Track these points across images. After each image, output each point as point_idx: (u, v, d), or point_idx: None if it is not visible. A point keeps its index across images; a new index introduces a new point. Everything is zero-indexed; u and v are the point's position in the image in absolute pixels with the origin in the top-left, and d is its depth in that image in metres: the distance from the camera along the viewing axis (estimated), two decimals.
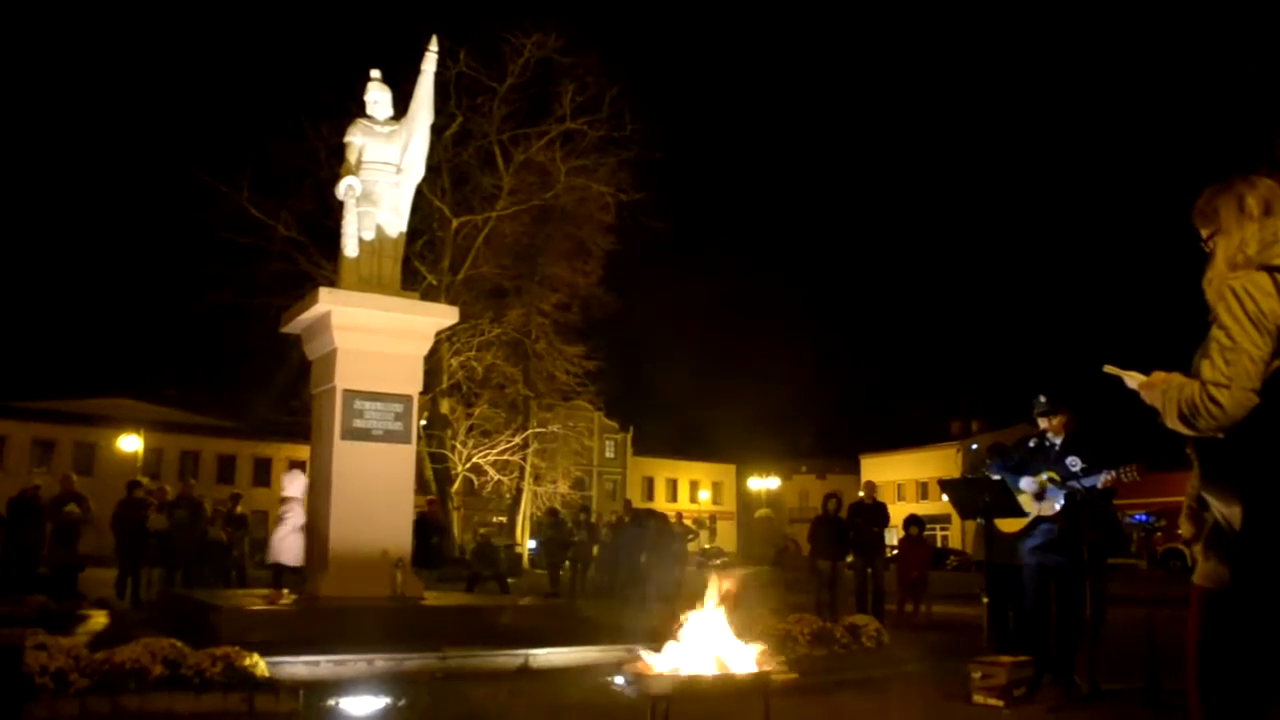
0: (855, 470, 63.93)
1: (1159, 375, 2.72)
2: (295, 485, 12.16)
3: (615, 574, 18.44)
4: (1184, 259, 2.86)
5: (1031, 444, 7.19)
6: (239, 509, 16.60)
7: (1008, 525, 7.10)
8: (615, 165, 30.61)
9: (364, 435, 9.21)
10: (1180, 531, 2.77)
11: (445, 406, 31.32)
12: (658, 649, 4.12)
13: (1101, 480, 6.56)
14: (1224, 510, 2.57)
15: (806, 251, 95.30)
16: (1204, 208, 2.80)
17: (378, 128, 10.01)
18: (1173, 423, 2.61)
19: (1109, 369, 2.98)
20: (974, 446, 47.23)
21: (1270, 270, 2.58)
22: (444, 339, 26.99)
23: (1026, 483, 6.98)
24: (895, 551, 16.70)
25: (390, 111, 10.21)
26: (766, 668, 4.04)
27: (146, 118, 66.30)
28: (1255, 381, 2.50)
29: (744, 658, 4.07)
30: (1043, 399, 7.06)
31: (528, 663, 7.40)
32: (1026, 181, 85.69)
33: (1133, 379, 2.84)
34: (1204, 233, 2.79)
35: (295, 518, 11.84)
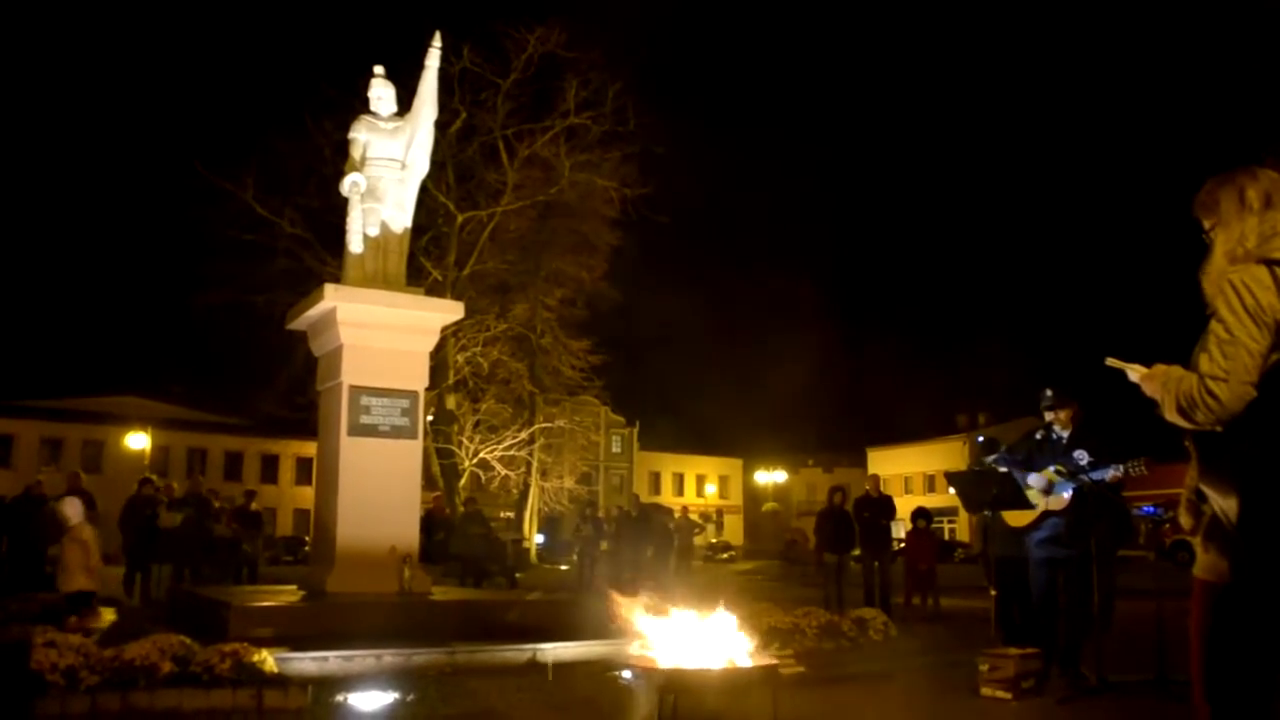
0: (862, 464, 63.93)
1: (1160, 368, 2.71)
2: (76, 511, 12.14)
3: (621, 568, 18.45)
4: (1189, 251, 2.84)
5: (1038, 436, 7.16)
6: (254, 506, 16.56)
7: (1016, 519, 7.09)
8: (619, 160, 30.64)
9: (371, 431, 9.23)
10: (1180, 523, 2.78)
11: (451, 402, 31.36)
12: (664, 643, 4.12)
13: (1109, 475, 6.55)
14: (1222, 503, 2.57)
15: (813, 245, 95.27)
16: (1205, 199, 2.78)
17: (382, 124, 10.00)
18: (1171, 415, 2.60)
19: (1111, 361, 2.98)
20: (980, 439, 47.12)
21: (1269, 264, 2.57)
22: (450, 334, 27.03)
23: (1034, 479, 6.96)
24: (903, 545, 16.68)
25: (394, 108, 10.20)
26: (774, 661, 4.05)
27: (151, 115, 66.44)
28: (1253, 375, 2.50)
29: (751, 651, 4.07)
30: (1049, 392, 7.02)
31: (535, 657, 7.41)
32: (1033, 174, 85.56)
33: (1134, 371, 2.84)
34: (1205, 224, 2.77)
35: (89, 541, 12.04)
